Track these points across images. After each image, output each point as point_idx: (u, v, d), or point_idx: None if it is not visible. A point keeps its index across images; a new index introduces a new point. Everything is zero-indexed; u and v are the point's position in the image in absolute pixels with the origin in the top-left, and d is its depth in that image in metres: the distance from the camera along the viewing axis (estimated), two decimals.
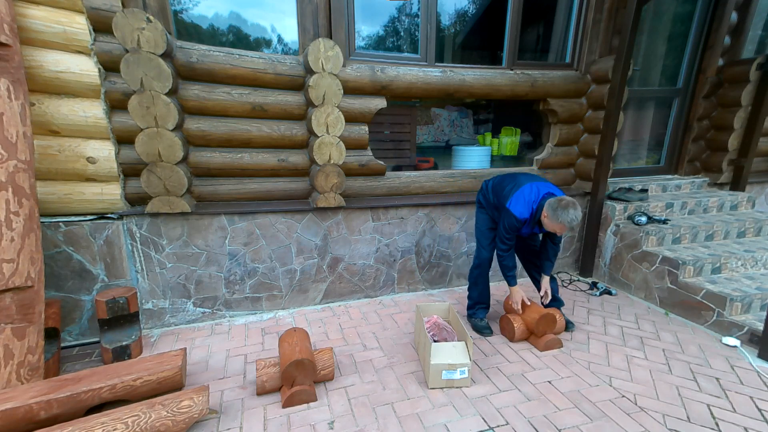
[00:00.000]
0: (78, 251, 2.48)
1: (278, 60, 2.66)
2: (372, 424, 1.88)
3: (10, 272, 1.85)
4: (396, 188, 3.23)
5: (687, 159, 4.22)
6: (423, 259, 3.39)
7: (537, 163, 3.63)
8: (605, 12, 3.35)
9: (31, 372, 1.91)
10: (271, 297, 3.02)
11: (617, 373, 2.28)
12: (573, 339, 2.64)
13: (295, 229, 2.95)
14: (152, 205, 2.51)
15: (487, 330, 2.75)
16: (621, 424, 1.88)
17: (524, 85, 3.29)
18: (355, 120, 2.94)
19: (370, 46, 3.33)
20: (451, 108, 6.25)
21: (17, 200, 1.90)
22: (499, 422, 1.89)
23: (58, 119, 2.26)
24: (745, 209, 3.88)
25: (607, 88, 3.31)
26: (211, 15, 2.81)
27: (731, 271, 3.05)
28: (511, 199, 2.35)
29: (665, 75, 4.10)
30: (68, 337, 2.55)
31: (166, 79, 2.32)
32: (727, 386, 2.16)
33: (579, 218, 2.16)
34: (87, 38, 2.23)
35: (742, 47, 3.85)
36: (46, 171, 2.30)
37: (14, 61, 1.94)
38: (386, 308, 3.12)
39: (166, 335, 2.69)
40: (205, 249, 2.77)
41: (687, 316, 2.89)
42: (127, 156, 2.47)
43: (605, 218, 3.55)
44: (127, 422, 1.64)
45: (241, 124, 2.68)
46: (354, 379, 2.22)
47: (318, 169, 2.79)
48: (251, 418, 1.91)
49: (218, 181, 2.76)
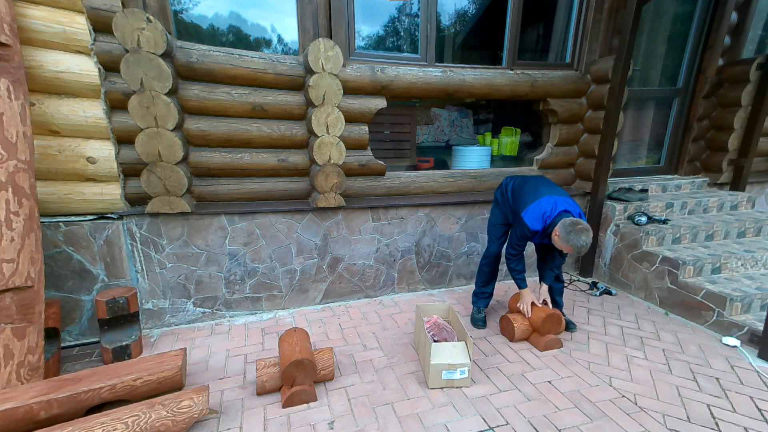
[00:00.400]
0: (78, 251, 2.48)
1: (278, 60, 2.66)
2: (372, 424, 1.88)
3: (10, 272, 1.85)
4: (396, 188, 3.23)
5: (687, 159, 4.22)
6: (423, 259, 3.39)
7: (537, 163, 3.63)
8: (605, 12, 3.35)
9: (31, 372, 1.91)
10: (271, 297, 3.02)
11: (617, 373, 2.28)
12: (573, 339, 2.64)
13: (295, 229, 2.95)
14: (152, 205, 2.51)
15: (481, 323, 2.80)
16: (621, 424, 1.88)
17: (524, 85, 3.29)
18: (355, 120, 2.94)
19: (370, 46, 3.33)
20: (451, 108, 6.25)
21: (17, 200, 1.90)
22: (499, 422, 1.89)
23: (58, 119, 2.26)
24: (745, 209, 3.88)
25: (607, 88, 3.31)
26: (211, 15, 2.81)
27: (731, 271, 3.05)
28: (528, 209, 2.31)
29: (665, 75, 4.10)
30: (68, 337, 2.55)
31: (166, 79, 2.32)
32: (727, 386, 2.16)
33: (589, 244, 2.12)
34: (87, 38, 2.23)
35: (742, 47, 3.85)
36: (46, 171, 2.30)
37: (14, 61, 1.94)
38: (386, 308, 3.12)
39: (166, 335, 2.70)
40: (205, 249, 2.77)
41: (687, 316, 2.89)
42: (127, 156, 2.47)
43: (605, 218, 3.55)
44: (127, 422, 1.64)
45: (241, 124, 2.68)
46: (354, 379, 2.22)
47: (318, 169, 2.79)
48: (251, 418, 1.91)
49: (218, 181, 2.76)
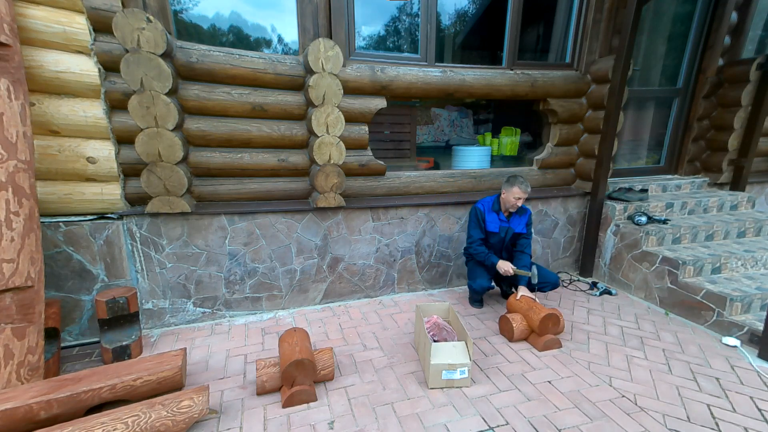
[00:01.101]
0: (78, 251, 2.48)
1: (278, 60, 2.66)
2: (372, 424, 1.88)
3: (10, 272, 1.85)
4: (396, 188, 3.24)
5: (687, 159, 4.22)
6: (423, 259, 3.39)
7: (537, 163, 3.63)
8: (605, 12, 3.35)
9: (31, 372, 1.91)
10: (271, 297, 3.01)
11: (617, 373, 2.28)
12: (573, 339, 2.64)
13: (295, 229, 2.95)
14: (152, 205, 2.51)
15: (478, 304, 3.01)
16: (621, 424, 1.88)
17: (524, 85, 3.29)
18: (355, 120, 2.94)
19: (370, 46, 3.34)
20: (451, 108, 6.25)
21: (17, 200, 1.90)
22: (499, 422, 1.89)
23: (58, 119, 2.26)
24: (745, 209, 3.88)
25: (607, 88, 3.31)
26: (212, 15, 2.81)
27: (731, 271, 3.05)
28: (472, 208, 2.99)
29: (665, 75, 4.10)
30: (68, 337, 2.55)
31: (166, 79, 2.32)
32: (727, 386, 2.16)
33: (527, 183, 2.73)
34: (87, 38, 2.23)
35: (742, 47, 3.85)
36: (46, 171, 2.30)
37: (14, 61, 1.94)
38: (386, 308, 3.12)
39: (166, 335, 2.69)
40: (205, 249, 2.77)
41: (687, 316, 2.89)
42: (127, 156, 2.47)
43: (605, 218, 3.55)
44: (127, 422, 1.64)
45: (241, 124, 2.68)
46: (354, 379, 2.22)
47: (318, 169, 2.79)
48: (251, 418, 1.91)
49: (218, 181, 2.76)
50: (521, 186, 2.72)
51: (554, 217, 3.70)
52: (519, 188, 2.72)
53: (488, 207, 2.91)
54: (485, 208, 2.91)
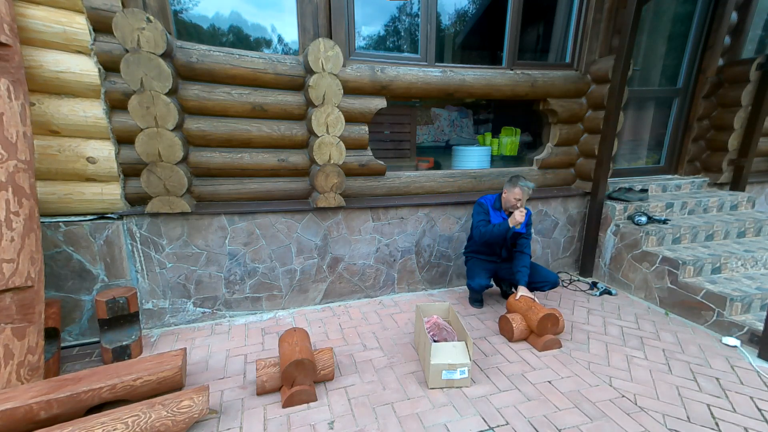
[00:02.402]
0: (78, 251, 2.48)
1: (278, 60, 2.66)
2: (372, 424, 1.88)
3: (10, 272, 1.85)
4: (396, 188, 3.24)
5: (687, 159, 4.22)
6: (423, 259, 3.39)
7: (537, 163, 3.63)
8: (605, 12, 3.35)
9: (31, 372, 1.91)
10: (271, 297, 3.01)
11: (617, 373, 2.28)
12: (573, 339, 2.64)
13: (295, 229, 2.95)
14: (152, 205, 2.51)
15: (478, 304, 2.99)
16: (621, 424, 1.88)
17: (524, 85, 3.29)
18: (355, 120, 2.94)
19: (370, 46, 3.34)
20: (451, 108, 6.25)
21: (17, 200, 1.90)
22: (499, 422, 1.89)
23: (58, 119, 2.26)
24: (745, 209, 3.88)
25: (607, 88, 3.31)
26: (212, 15, 2.81)
27: (731, 271, 3.05)
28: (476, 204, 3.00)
29: (665, 75, 4.10)
30: (68, 337, 2.55)
31: (166, 79, 2.32)
32: (727, 386, 2.16)
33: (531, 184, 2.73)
34: (87, 38, 2.23)
35: (742, 47, 3.85)
36: (46, 171, 2.30)
37: (14, 61, 1.94)
38: (386, 308, 3.12)
39: (166, 335, 2.69)
40: (205, 249, 2.77)
41: (687, 316, 2.89)
42: (127, 156, 2.47)
43: (605, 218, 3.55)
44: (127, 422, 1.64)
45: (241, 124, 2.68)
46: (354, 379, 2.22)
47: (318, 169, 2.79)
48: (251, 418, 1.91)
49: (218, 181, 2.76)
50: (523, 187, 2.73)
51: (554, 217, 3.70)
52: (520, 189, 2.73)
53: (491, 204, 2.93)
54: (488, 204, 2.94)
